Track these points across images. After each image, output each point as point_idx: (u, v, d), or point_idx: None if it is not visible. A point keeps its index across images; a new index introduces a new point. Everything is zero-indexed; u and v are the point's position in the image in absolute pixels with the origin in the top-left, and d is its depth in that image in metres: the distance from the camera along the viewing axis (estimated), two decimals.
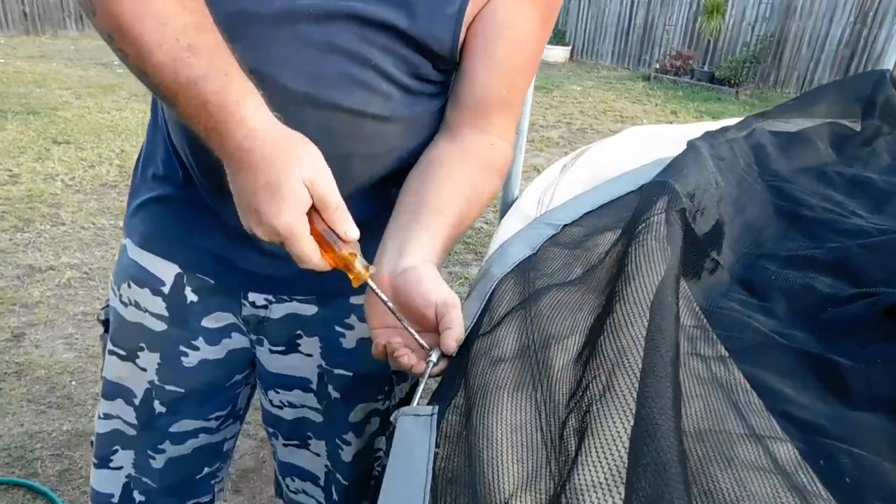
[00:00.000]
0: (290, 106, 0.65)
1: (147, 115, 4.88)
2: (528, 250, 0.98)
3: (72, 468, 1.75)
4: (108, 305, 0.96)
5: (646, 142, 1.64)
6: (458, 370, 0.73)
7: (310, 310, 0.88)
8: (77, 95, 5.80)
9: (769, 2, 8.68)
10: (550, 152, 5.14)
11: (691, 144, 1.21)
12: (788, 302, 0.89)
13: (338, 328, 0.90)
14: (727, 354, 0.77)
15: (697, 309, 0.83)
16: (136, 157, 0.90)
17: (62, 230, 3.17)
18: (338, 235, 0.63)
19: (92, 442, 1.00)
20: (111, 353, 0.93)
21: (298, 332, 0.90)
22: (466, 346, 0.73)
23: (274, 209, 0.59)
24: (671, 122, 6.56)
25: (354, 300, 0.89)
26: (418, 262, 0.67)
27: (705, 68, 8.90)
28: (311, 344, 0.91)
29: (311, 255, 0.62)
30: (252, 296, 0.87)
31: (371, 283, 0.66)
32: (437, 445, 0.59)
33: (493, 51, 0.74)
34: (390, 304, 0.66)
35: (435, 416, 0.63)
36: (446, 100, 0.79)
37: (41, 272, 2.76)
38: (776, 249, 1.06)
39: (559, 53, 10.18)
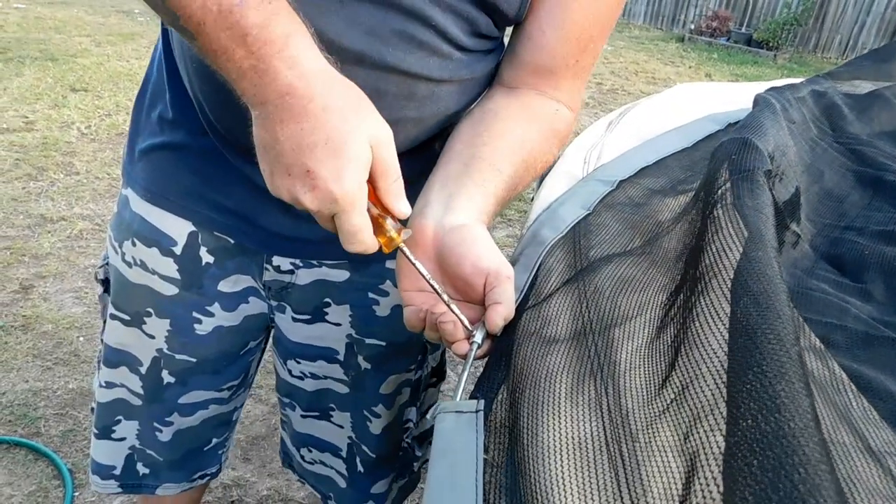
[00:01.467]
0: (340, 64, 0.54)
1: None
2: (581, 210, 0.85)
3: (76, 428, 1.68)
4: (106, 262, 0.87)
5: (696, 99, 1.49)
6: (505, 353, 0.62)
7: (341, 275, 0.79)
8: (96, 43, 5.68)
9: None
10: (580, 113, 4.93)
11: (762, 98, 1.06)
12: (887, 282, 0.75)
13: (371, 295, 0.81)
14: (822, 347, 0.64)
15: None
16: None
17: (76, 179, 3.08)
18: (389, 212, 0.54)
19: (93, 409, 0.93)
20: (113, 317, 0.84)
21: (327, 299, 0.81)
22: (513, 324, 0.62)
23: (335, 172, 0.48)
24: None
25: (390, 264, 0.79)
26: (470, 221, 0.58)
27: (742, 30, 8.51)
28: (340, 312, 0.81)
29: (366, 231, 0.52)
30: (277, 259, 0.77)
31: (405, 249, 0.55)
32: (485, 451, 0.49)
33: (566, 14, 0.64)
34: (426, 274, 0.56)
35: (481, 414, 0.53)
36: (500, 58, 0.71)
37: (53, 222, 2.68)
38: (863, 220, 0.91)
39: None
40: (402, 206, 0.54)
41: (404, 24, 0.58)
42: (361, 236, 0.52)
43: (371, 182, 0.52)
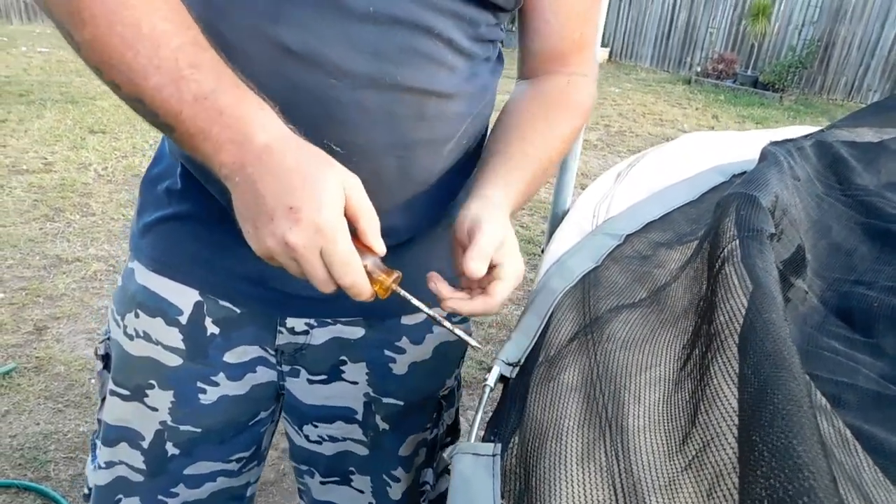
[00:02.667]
0: (351, 90, 0.59)
1: None
2: (590, 262, 0.87)
3: (85, 473, 1.67)
4: (107, 338, 0.84)
5: (704, 148, 1.51)
6: (518, 397, 0.63)
7: (356, 332, 0.79)
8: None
9: (818, 4, 8.36)
10: (588, 155, 4.99)
11: (769, 153, 1.07)
12: None
13: (387, 352, 0.80)
14: (828, 405, 0.64)
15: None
16: None
17: (91, 220, 3.13)
18: (368, 248, 0.57)
19: (86, 495, 0.88)
20: (113, 393, 0.80)
21: (343, 357, 0.80)
22: (527, 370, 0.63)
23: (316, 204, 0.51)
24: (712, 127, 6.35)
25: (406, 320, 0.80)
26: (475, 202, 0.65)
27: (748, 72, 8.62)
28: (356, 370, 0.81)
29: (356, 262, 0.55)
30: (291, 321, 0.77)
31: (399, 290, 0.60)
32: (502, 496, 0.52)
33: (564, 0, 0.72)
34: (423, 307, 0.62)
35: (497, 458, 0.55)
36: (499, 72, 0.75)
37: (68, 263, 2.71)
38: (872, 274, 0.92)
39: (598, 54, 9.99)
40: (381, 245, 0.57)
41: (409, 39, 0.60)
42: (354, 266, 0.54)
43: (350, 225, 0.55)
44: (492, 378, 0.62)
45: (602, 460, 0.52)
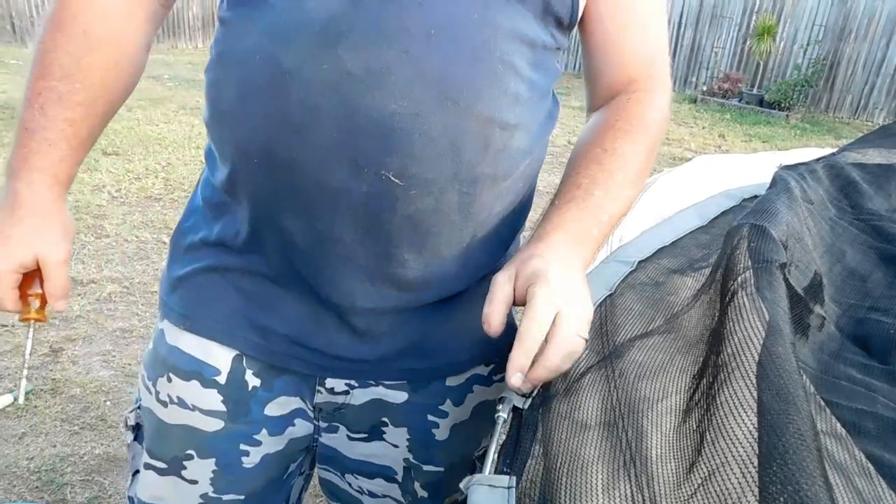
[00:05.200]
0: (414, 117, 0.57)
1: (194, 127, 4.86)
2: (604, 290, 0.88)
3: (101, 495, 1.68)
4: (138, 406, 0.79)
5: (714, 171, 1.53)
6: (531, 427, 0.64)
7: (399, 396, 0.75)
8: (127, 107, 5.90)
9: (822, 24, 8.42)
10: None
11: (780, 178, 1.09)
12: None
13: (431, 417, 0.77)
14: (844, 432, 0.65)
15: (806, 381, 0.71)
16: (181, 169, 0.82)
17: (105, 242, 3.17)
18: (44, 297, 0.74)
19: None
20: (148, 466, 0.76)
21: (384, 419, 0.77)
22: (543, 401, 0.64)
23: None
24: (719, 146, 6.36)
25: (451, 381, 0.76)
26: (536, 244, 0.62)
27: (754, 91, 8.66)
28: (397, 434, 0.77)
29: (9, 298, 0.72)
30: (331, 381, 0.74)
31: (31, 326, 0.77)
32: None
33: (622, 3, 0.68)
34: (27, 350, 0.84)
35: (513, 490, 0.55)
36: (555, 116, 0.71)
37: (83, 285, 2.74)
38: (887, 300, 0.93)
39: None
40: (59, 306, 0.74)
41: (471, 62, 0.58)
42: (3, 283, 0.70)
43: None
44: (505, 410, 0.61)
45: (626, 490, 0.53)
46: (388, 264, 0.64)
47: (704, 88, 9.16)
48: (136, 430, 0.80)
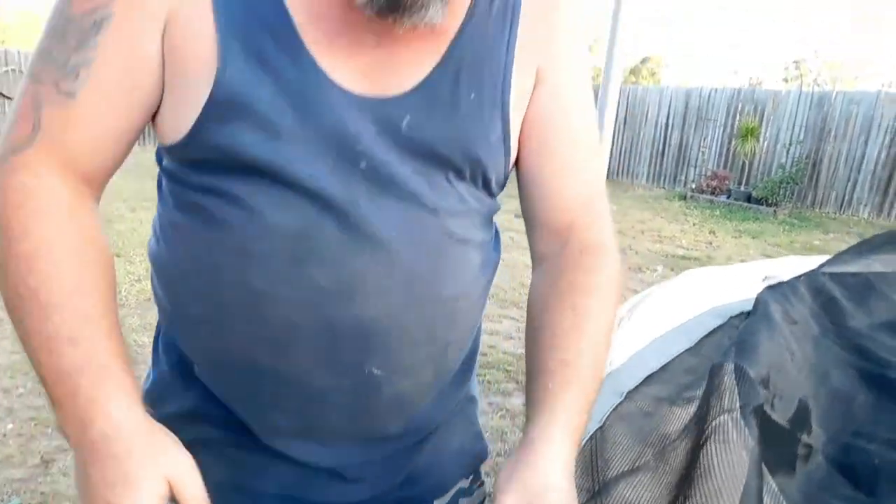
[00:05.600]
0: (388, 317, 0.60)
1: None
2: (594, 424, 0.91)
3: None
4: None
5: (702, 287, 1.58)
6: None
7: None
8: (131, 208, 6.04)
9: (802, 125, 8.82)
10: None
11: (762, 302, 1.14)
12: None
13: None
14: None
15: None
16: None
17: None
18: None
19: None
20: None
21: None
22: None
23: (128, 501, 0.52)
24: (710, 242, 6.49)
25: (439, 503, 0.79)
26: (535, 435, 0.58)
27: (742, 188, 8.94)
28: None
29: None
30: None
31: None
32: None
33: (554, 147, 0.67)
34: None
35: None
36: (499, 248, 0.73)
37: None
38: (871, 426, 0.96)
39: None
40: None
41: (435, 251, 0.62)
42: None
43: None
44: None
45: None
46: (373, 430, 0.68)
47: (693, 186, 9.46)
48: None
